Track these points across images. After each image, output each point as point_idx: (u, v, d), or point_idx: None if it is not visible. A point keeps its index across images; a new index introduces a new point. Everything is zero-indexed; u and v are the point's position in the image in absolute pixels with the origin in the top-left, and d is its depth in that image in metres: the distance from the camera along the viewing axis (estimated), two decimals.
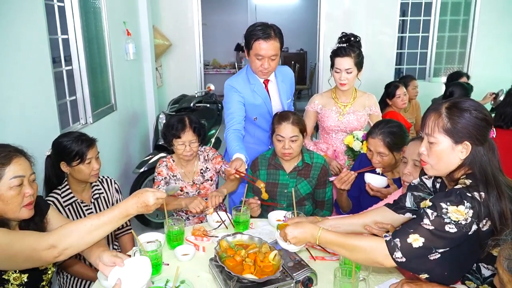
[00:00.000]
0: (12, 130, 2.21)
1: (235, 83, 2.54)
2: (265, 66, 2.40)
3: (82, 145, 2.10)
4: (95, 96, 3.38)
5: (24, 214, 1.49)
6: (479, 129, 1.33)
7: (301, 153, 2.39)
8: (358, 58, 2.57)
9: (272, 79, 2.58)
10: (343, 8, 5.52)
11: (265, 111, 2.58)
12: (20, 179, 1.46)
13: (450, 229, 1.28)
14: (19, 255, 1.35)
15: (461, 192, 1.29)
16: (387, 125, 2.19)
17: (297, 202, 2.24)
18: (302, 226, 1.54)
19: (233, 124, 2.42)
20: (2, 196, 1.43)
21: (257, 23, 2.40)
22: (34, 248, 1.35)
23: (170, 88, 5.68)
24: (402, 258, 1.35)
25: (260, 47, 2.34)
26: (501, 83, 4.95)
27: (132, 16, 4.38)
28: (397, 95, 3.78)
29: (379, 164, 2.18)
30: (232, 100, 2.50)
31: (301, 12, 10.62)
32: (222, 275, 1.60)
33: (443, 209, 1.29)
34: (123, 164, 4.04)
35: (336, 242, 1.47)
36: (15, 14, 2.27)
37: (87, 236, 1.41)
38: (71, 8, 3.05)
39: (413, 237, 1.33)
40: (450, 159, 1.37)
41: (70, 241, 1.38)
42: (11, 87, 2.22)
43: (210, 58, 10.33)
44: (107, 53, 3.67)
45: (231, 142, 2.34)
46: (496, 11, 5.55)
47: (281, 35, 2.40)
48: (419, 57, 5.90)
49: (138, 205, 1.45)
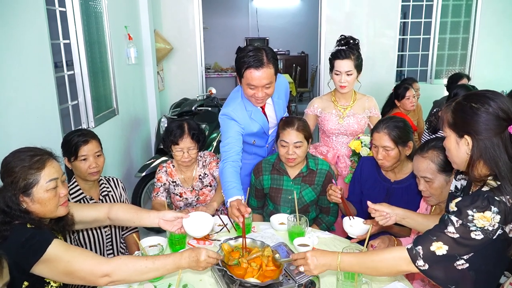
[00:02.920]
0: (15, 134, 2.21)
1: (232, 113, 2.30)
2: (259, 95, 2.17)
3: (77, 141, 2.11)
4: (97, 101, 3.38)
5: (61, 212, 1.56)
6: (479, 123, 1.29)
7: (306, 159, 2.38)
8: (357, 60, 2.57)
9: (268, 101, 2.40)
10: (344, 11, 5.52)
11: (262, 133, 2.45)
12: (55, 182, 1.50)
13: (476, 236, 1.26)
14: (77, 273, 1.42)
15: (488, 196, 1.26)
16: (392, 120, 2.19)
17: (301, 209, 2.23)
18: (323, 255, 1.50)
19: (230, 156, 2.20)
20: (40, 199, 1.47)
21: (247, 48, 2.15)
22: (92, 272, 1.42)
23: (171, 92, 5.69)
24: (425, 266, 1.34)
25: (252, 76, 2.10)
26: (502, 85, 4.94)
27: (133, 20, 4.40)
28: (406, 96, 3.77)
29: (383, 160, 2.17)
30: (230, 131, 2.28)
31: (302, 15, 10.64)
32: (224, 279, 1.60)
33: (468, 216, 1.26)
34: (125, 168, 4.05)
35: (357, 262, 1.46)
36: (17, 19, 2.28)
37: (137, 276, 1.49)
38: (72, 13, 3.06)
39: (436, 245, 1.32)
40: (459, 153, 1.37)
41: (122, 275, 1.46)
42: (13, 91, 2.23)
43: (211, 62, 10.36)
44: (108, 57, 3.67)
45: (226, 178, 2.11)
46: (497, 13, 5.54)
47: (275, 59, 2.16)
48: (421, 59, 5.89)
49: (191, 259, 1.52)
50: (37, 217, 1.49)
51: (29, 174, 1.45)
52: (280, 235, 2.11)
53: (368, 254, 1.48)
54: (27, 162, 1.46)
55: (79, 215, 1.74)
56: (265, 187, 2.42)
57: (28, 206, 1.47)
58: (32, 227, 1.45)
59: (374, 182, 2.33)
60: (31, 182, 1.45)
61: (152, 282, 1.68)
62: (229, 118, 2.31)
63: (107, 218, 1.81)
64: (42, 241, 1.40)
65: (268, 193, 2.42)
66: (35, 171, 1.46)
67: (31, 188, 1.46)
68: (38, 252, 1.38)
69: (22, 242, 1.39)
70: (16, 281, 1.43)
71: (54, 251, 1.40)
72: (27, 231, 1.42)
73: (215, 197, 2.39)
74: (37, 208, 1.48)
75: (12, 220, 1.43)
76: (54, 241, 1.42)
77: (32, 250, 1.38)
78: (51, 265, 1.40)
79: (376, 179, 2.32)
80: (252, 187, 2.43)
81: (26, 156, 1.48)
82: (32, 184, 1.45)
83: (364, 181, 2.37)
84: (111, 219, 1.81)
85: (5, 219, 1.42)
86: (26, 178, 1.45)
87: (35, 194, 1.46)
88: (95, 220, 1.82)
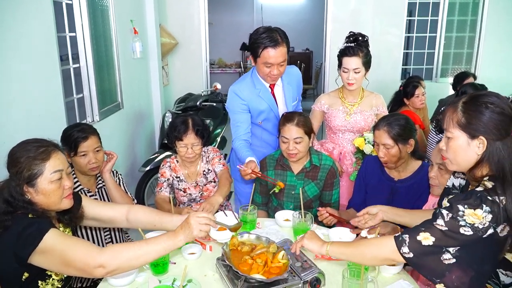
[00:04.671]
0: (20, 126, 2.21)
1: (238, 91, 2.46)
2: (274, 72, 2.33)
3: (77, 137, 2.09)
4: (102, 94, 3.38)
5: (65, 205, 1.55)
6: (495, 124, 1.28)
7: (309, 154, 2.37)
8: (366, 57, 2.55)
9: (278, 82, 2.52)
10: (350, 8, 5.49)
11: (271, 116, 2.53)
12: (60, 173, 1.50)
13: (465, 231, 1.27)
14: (72, 264, 1.40)
15: (481, 195, 1.27)
16: (393, 117, 2.17)
17: (304, 204, 2.23)
18: (315, 241, 1.60)
19: (240, 134, 2.43)
20: (44, 190, 1.47)
21: (260, 29, 2.31)
22: (87, 263, 1.40)
23: (176, 87, 5.68)
24: (410, 254, 1.34)
25: (269, 55, 2.26)
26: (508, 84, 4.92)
27: (139, 14, 4.39)
28: (416, 94, 3.74)
29: (385, 157, 2.16)
30: (236, 109, 2.47)
31: (307, 12, 10.59)
32: (229, 274, 1.59)
33: (459, 211, 1.27)
34: (129, 162, 4.05)
35: (344, 251, 1.51)
36: (23, 12, 2.27)
37: (134, 261, 1.47)
38: (79, 6, 3.06)
39: (423, 235, 1.33)
40: (467, 154, 1.35)
41: (118, 263, 1.43)
42: (19, 84, 2.23)
43: (216, 57, 10.33)
44: (114, 51, 3.67)
45: (240, 150, 2.35)
46: (504, 12, 5.49)
47: (287, 38, 2.32)
48: (426, 57, 5.86)
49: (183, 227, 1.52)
50: (41, 209, 1.48)
51: (34, 164, 1.45)
52: (285, 232, 2.11)
53: (356, 242, 1.52)
54: (33, 153, 1.46)
55: (93, 212, 1.73)
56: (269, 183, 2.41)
57: (32, 197, 1.47)
58: (33, 217, 1.45)
59: (378, 181, 2.31)
60: (36, 173, 1.45)
61: (156, 275, 1.68)
62: (235, 94, 2.48)
63: (125, 220, 1.78)
64: (38, 230, 1.39)
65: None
66: (40, 162, 1.45)
67: (36, 178, 1.45)
68: (34, 241, 1.37)
69: (19, 231, 1.38)
70: (16, 272, 1.43)
71: (49, 241, 1.38)
72: (26, 221, 1.42)
73: (220, 191, 2.37)
74: (41, 199, 1.48)
75: (15, 211, 1.43)
76: (51, 230, 1.40)
77: (29, 239, 1.37)
78: (48, 254, 1.38)
79: (380, 178, 2.30)
80: (257, 183, 2.42)
81: (32, 147, 1.47)
82: (37, 174, 1.45)
83: (368, 180, 2.36)
84: (129, 220, 1.78)
85: (8, 209, 1.42)
86: (30, 168, 1.44)
87: (39, 185, 1.46)
88: (111, 220, 1.79)
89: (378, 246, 1.43)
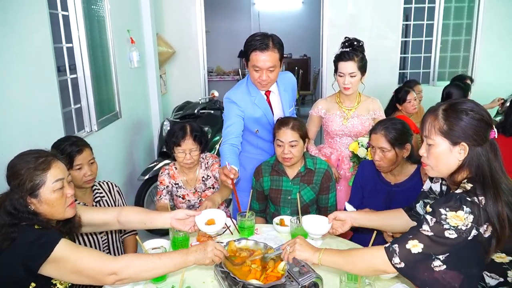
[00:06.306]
0: (18, 137, 2.22)
1: (233, 96, 2.44)
2: (263, 78, 2.30)
3: (71, 151, 2.08)
4: (99, 104, 3.39)
5: (69, 213, 1.57)
6: (476, 130, 1.32)
7: (304, 159, 2.38)
8: (361, 62, 2.57)
9: (274, 89, 2.50)
10: (346, 14, 5.52)
11: (266, 123, 2.51)
12: (61, 182, 1.52)
13: (450, 235, 1.28)
14: (85, 272, 1.43)
15: (461, 197, 1.29)
16: (390, 121, 2.19)
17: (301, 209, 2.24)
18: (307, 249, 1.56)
19: (229, 139, 2.33)
20: (47, 200, 1.48)
21: (257, 34, 2.30)
22: (100, 270, 1.44)
23: (174, 95, 5.69)
24: (401, 264, 1.35)
25: (257, 58, 2.24)
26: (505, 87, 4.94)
27: (136, 24, 4.41)
28: (408, 100, 3.75)
29: (380, 161, 2.17)
30: (230, 114, 2.41)
31: (304, 18, 10.65)
32: (227, 281, 1.60)
33: (442, 215, 1.29)
34: (128, 171, 4.05)
35: (337, 258, 1.50)
36: (20, 23, 2.29)
37: (144, 273, 1.50)
38: (75, 17, 3.07)
39: (412, 243, 1.34)
40: (449, 161, 1.38)
41: (130, 273, 1.47)
42: (16, 95, 2.24)
43: (213, 65, 10.36)
44: (111, 61, 3.69)
45: (224, 155, 2.25)
46: (499, 15, 5.53)
47: (281, 45, 2.29)
48: (423, 61, 5.89)
49: (197, 252, 1.53)
50: (45, 219, 1.50)
51: (35, 175, 1.46)
52: (283, 237, 2.11)
53: (348, 251, 1.51)
54: (33, 164, 1.47)
55: (87, 218, 1.74)
56: (265, 189, 2.42)
57: (36, 207, 1.48)
58: (39, 228, 1.47)
59: (374, 186, 2.32)
60: (38, 183, 1.46)
61: (154, 283, 1.68)
62: (230, 101, 2.44)
63: (117, 222, 1.80)
64: (49, 241, 1.41)
65: (269, 194, 2.43)
66: (41, 172, 1.47)
67: (38, 189, 1.47)
68: (46, 252, 1.39)
69: (30, 242, 1.39)
70: (23, 282, 1.44)
71: (61, 251, 1.40)
72: (35, 232, 1.43)
73: (221, 192, 2.38)
74: (45, 209, 1.49)
75: (19, 222, 1.44)
76: (62, 240, 1.42)
77: (40, 250, 1.39)
78: (59, 264, 1.40)
79: (377, 183, 2.31)
80: (254, 190, 2.43)
81: (31, 158, 1.49)
82: (39, 185, 1.46)
83: (365, 185, 2.37)
84: (121, 222, 1.80)
85: (13, 221, 1.43)
86: (32, 179, 1.45)
87: (42, 195, 1.47)
88: (105, 224, 1.81)
89: (370, 256, 1.43)
